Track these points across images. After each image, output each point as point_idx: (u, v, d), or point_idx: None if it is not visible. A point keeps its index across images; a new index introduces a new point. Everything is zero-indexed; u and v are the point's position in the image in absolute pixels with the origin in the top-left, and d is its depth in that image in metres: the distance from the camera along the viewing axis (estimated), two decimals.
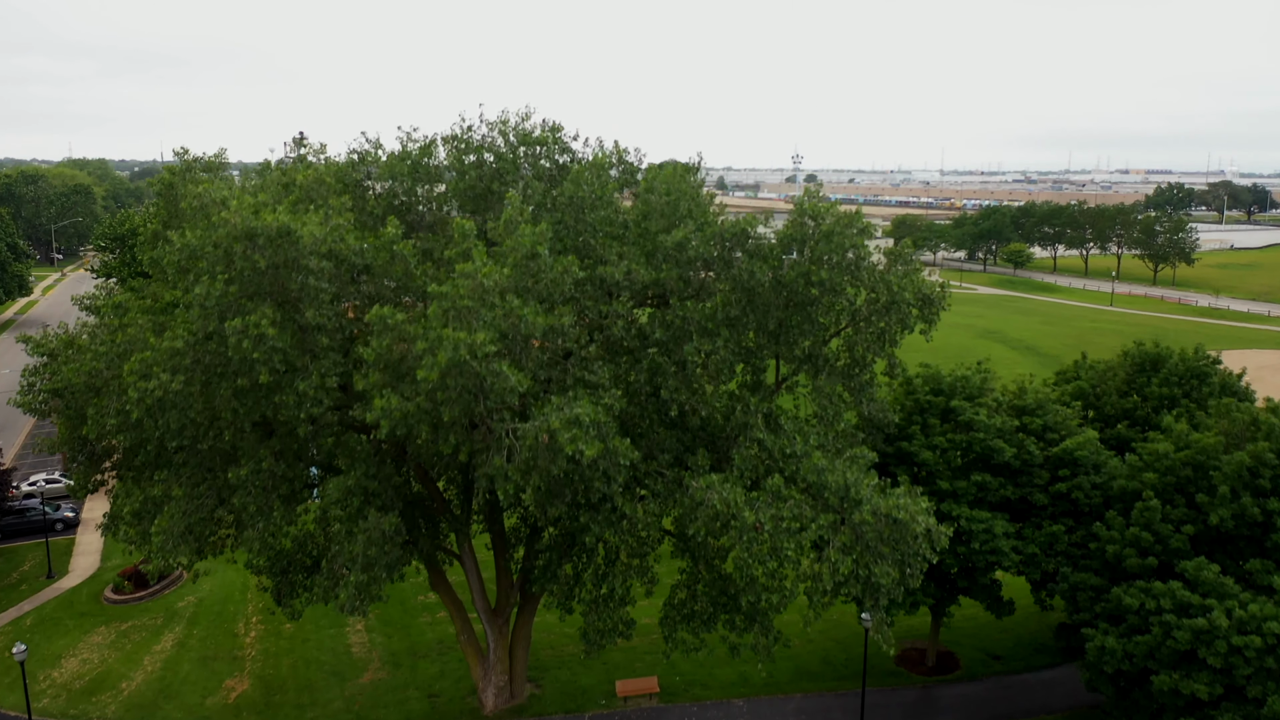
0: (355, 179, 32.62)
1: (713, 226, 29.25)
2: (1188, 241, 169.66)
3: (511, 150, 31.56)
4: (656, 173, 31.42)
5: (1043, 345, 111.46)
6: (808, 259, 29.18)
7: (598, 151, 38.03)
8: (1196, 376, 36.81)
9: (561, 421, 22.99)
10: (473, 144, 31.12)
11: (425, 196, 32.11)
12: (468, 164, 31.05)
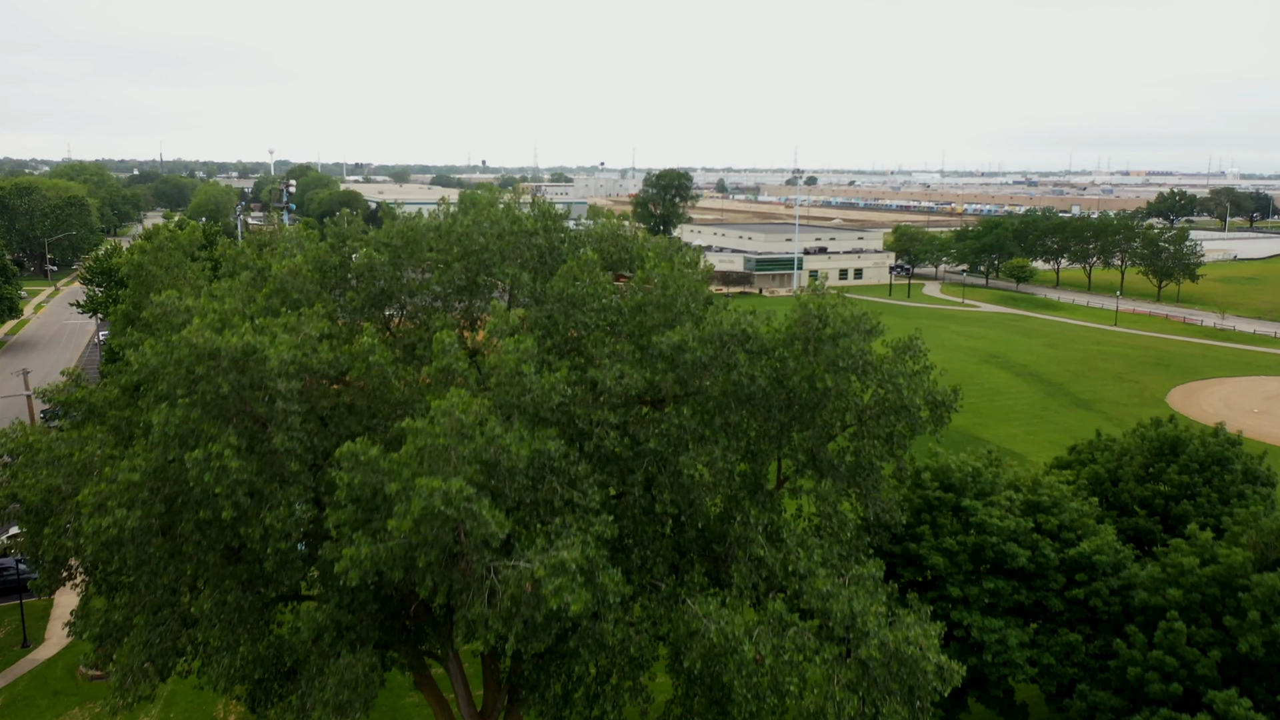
0: (335, 262, 30.89)
1: (712, 324, 27.52)
2: (1192, 257, 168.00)
3: (500, 236, 29.82)
4: (654, 261, 29.71)
5: (1046, 370, 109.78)
6: (812, 362, 27.51)
7: (591, 224, 36.47)
8: (1218, 463, 35.10)
9: (546, 568, 21.32)
10: (457, 232, 29.38)
11: (409, 285, 30.39)
12: (453, 253, 29.33)
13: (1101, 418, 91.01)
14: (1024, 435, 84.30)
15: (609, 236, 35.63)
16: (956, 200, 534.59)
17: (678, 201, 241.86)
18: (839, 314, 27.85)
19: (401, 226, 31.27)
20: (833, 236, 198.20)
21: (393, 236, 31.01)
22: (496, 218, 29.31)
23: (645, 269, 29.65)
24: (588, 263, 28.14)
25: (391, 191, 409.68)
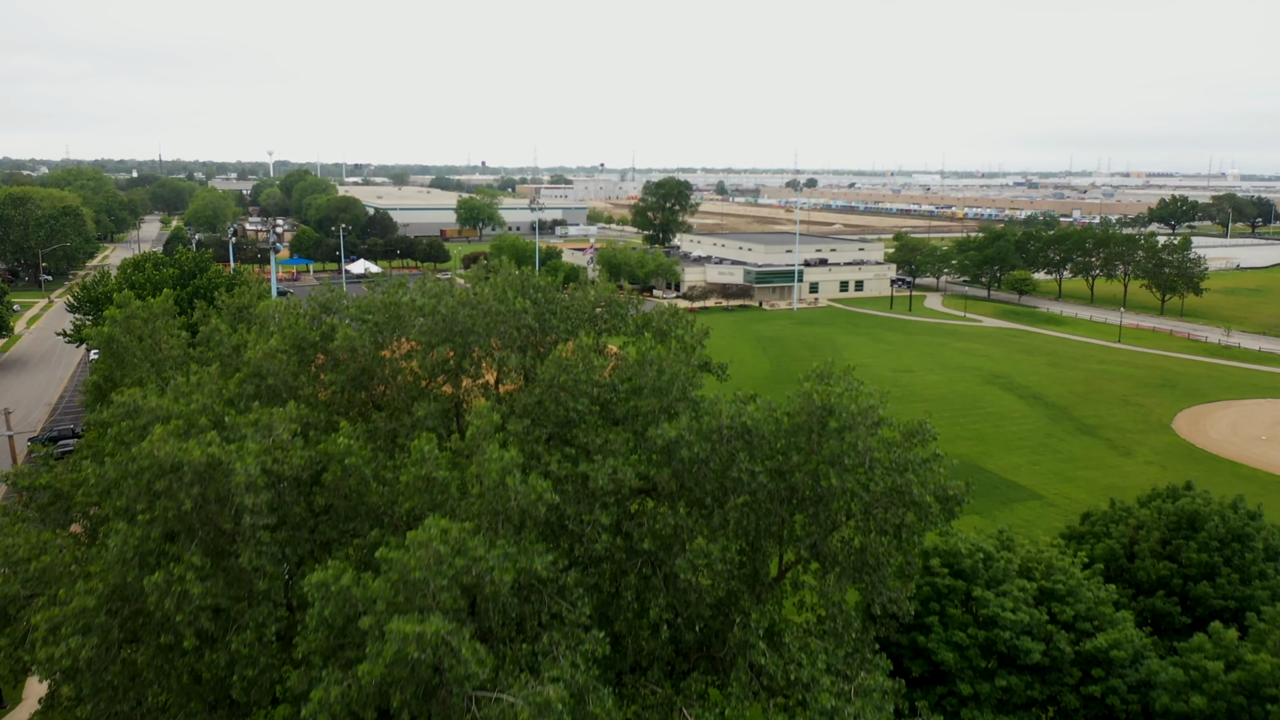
0: (314, 338, 29.38)
1: (710, 416, 26.01)
2: (1196, 271, 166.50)
3: (487, 315, 28.29)
4: (650, 344, 28.19)
5: (1050, 392, 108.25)
6: (817, 458, 26.03)
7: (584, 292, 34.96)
8: (1238, 539, 33.59)
9: (530, 708, 19.80)
10: (441, 313, 27.84)
11: (391, 368, 28.86)
12: (438, 334, 27.82)
13: (1106, 445, 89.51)
14: (1028, 466, 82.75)
15: (603, 303, 34.20)
16: (957, 204, 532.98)
17: (677, 210, 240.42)
18: (844, 405, 26.34)
19: (385, 299, 29.80)
20: (833, 248, 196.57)
21: (375, 311, 29.54)
22: (483, 299, 27.77)
23: (640, 349, 28.19)
24: (580, 348, 26.62)
25: (390, 196, 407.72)
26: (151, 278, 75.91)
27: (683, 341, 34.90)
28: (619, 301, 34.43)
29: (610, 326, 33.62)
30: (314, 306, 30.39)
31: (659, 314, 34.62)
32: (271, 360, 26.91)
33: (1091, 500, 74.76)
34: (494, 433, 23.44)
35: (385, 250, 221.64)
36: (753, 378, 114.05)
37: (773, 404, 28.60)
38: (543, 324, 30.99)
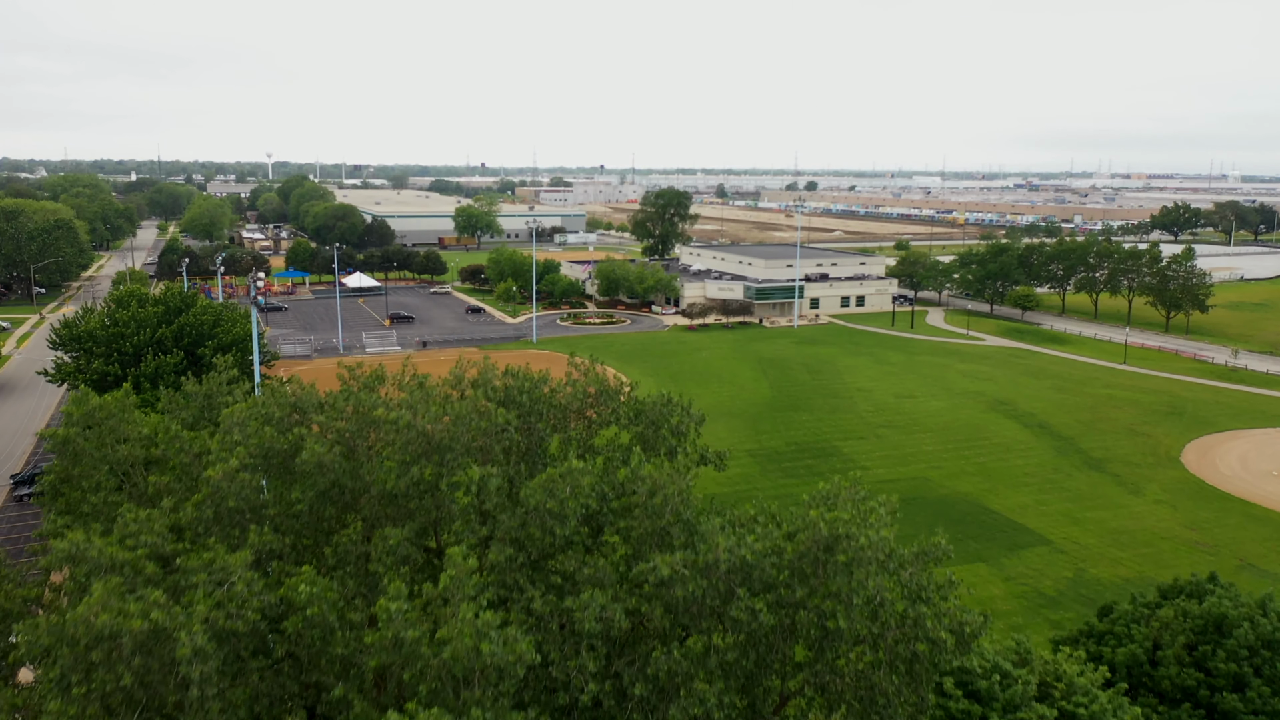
0: (282, 448, 27.28)
1: (708, 551, 23.96)
2: (1201, 288, 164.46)
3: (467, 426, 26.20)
4: (640, 459, 26.12)
5: (1056, 421, 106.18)
6: (823, 595, 23.99)
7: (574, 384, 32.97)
8: (1269, 647, 31.57)
9: None
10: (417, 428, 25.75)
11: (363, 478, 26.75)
12: (413, 450, 25.75)
13: (1115, 481, 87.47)
14: (1035, 506, 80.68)
15: (596, 396, 32.19)
16: (958, 208, 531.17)
17: (676, 221, 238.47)
18: (852, 534, 24.29)
19: (356, 404, 27.75)
20: (834, 262, 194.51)
21: (347, 417, 27.48)
22: (464, 413, 25.70)
23: (632, 466, 26.13)
24: (569, 471, 24.55)
25: (389, 202, 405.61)
26: (136, 315, 73.84)
27: (675, 432, 33.12)
28: (610, 390, 32.39)
29: (602, 421, 31.58)
30: (283, 408, 28.32)
31: (652, 405, 32.58)
32: (232, 480, 24.88)
33: (1101, 546, 72.86)
34: (469, 580, 21.39)
35: (382, 261, 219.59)
36: (753, 404, 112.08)
37: (774, 524, 26.58)
38: (528, 427, 28.95)
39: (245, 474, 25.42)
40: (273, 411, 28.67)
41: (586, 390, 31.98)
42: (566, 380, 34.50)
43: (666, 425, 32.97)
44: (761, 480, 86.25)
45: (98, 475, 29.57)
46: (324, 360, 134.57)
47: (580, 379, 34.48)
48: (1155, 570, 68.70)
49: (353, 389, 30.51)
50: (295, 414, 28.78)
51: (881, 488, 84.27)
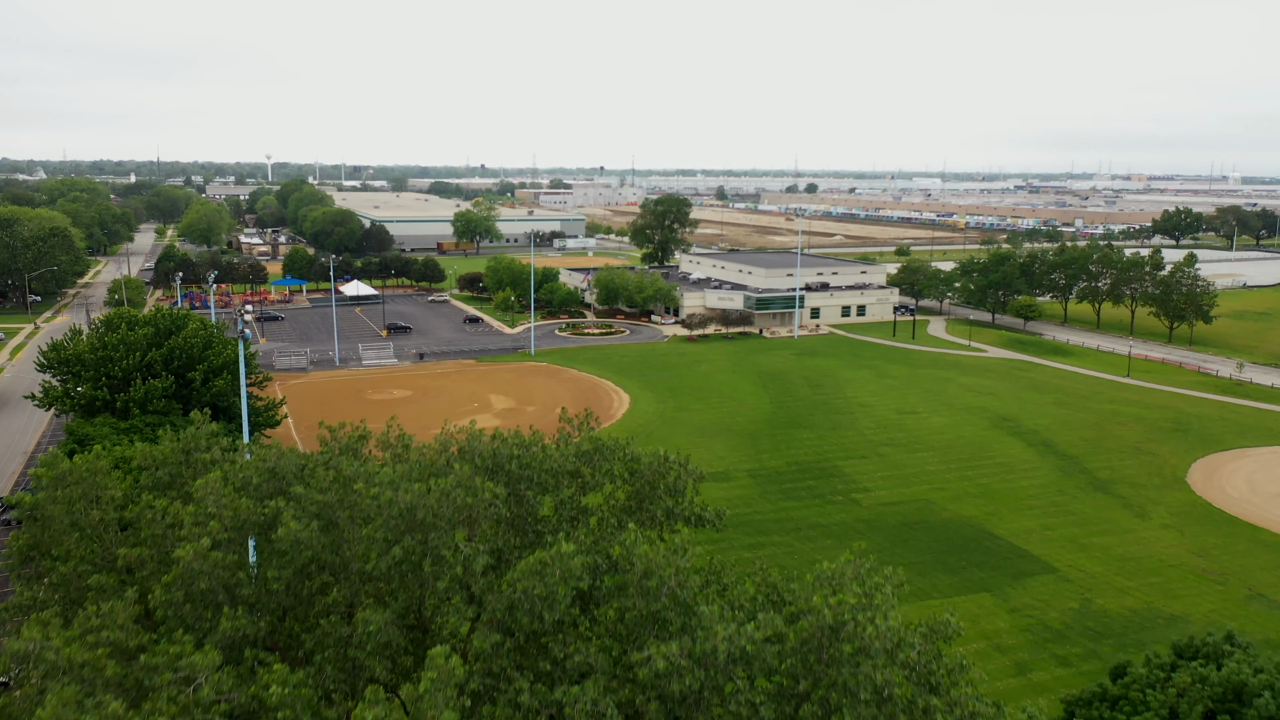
0: (260, 521, 25.95)
1: (705, 639, 22.64)
2: (1205, 299, 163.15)
3: (452, 501, 24.83)
4: (635, 536, 24.78)
5: (1060, 438, 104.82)
6: (828, 686, 22.67)
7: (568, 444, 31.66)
8: None
9: None
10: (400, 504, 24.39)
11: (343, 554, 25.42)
12: (395, 526, 24.40)
13: (1120, 504, 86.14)
14: (1040, 531, 79.34)
15: (590, 454, 30.89)
16: (958, 211, 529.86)
17: (676, 227, 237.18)
18: (859, 621, 22.97)
19: (335, 475, 26.42)
20: (835, 271, 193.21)
21: (326, 488, 26.15)
22: (448, 489, 24.35)
23: (627, 543, 24.78)
24: (559, 555, 23.22)
25: (388, 206, 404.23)
26: (125, 339, 72.51)
27: (672, 490, 31.77)
28: (605, 447, 31.08)
29: (595, 482, 30.27)
30: (261, 474, 27.00)
31: (649, 463, 31.25)
32: (204, 560, 23.56)
33: (1107, 574, 71.50)
34: (450, 682, 20.06)
35: (380, 269, 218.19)
36: (753, 420, 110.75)
37: (776, 605, 25.27)
38: (518, 495, 27.63)
39: (218, 552, 24.12)
40: (250, 478, 27.38)
41: (581, 449, 30.63)
42: (559, 436, 33.23)
43: (663, 483, 31.67)
44: (762, 503, 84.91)
45: (68, 543, 28.25)
46: (320, 373, 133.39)
47: (573, 433, 33.23)
48: (1163, 601, 67.45)
49: (334, 451, 29.25)
50: (273, 480, 27.49)
51: (884, 512, 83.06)
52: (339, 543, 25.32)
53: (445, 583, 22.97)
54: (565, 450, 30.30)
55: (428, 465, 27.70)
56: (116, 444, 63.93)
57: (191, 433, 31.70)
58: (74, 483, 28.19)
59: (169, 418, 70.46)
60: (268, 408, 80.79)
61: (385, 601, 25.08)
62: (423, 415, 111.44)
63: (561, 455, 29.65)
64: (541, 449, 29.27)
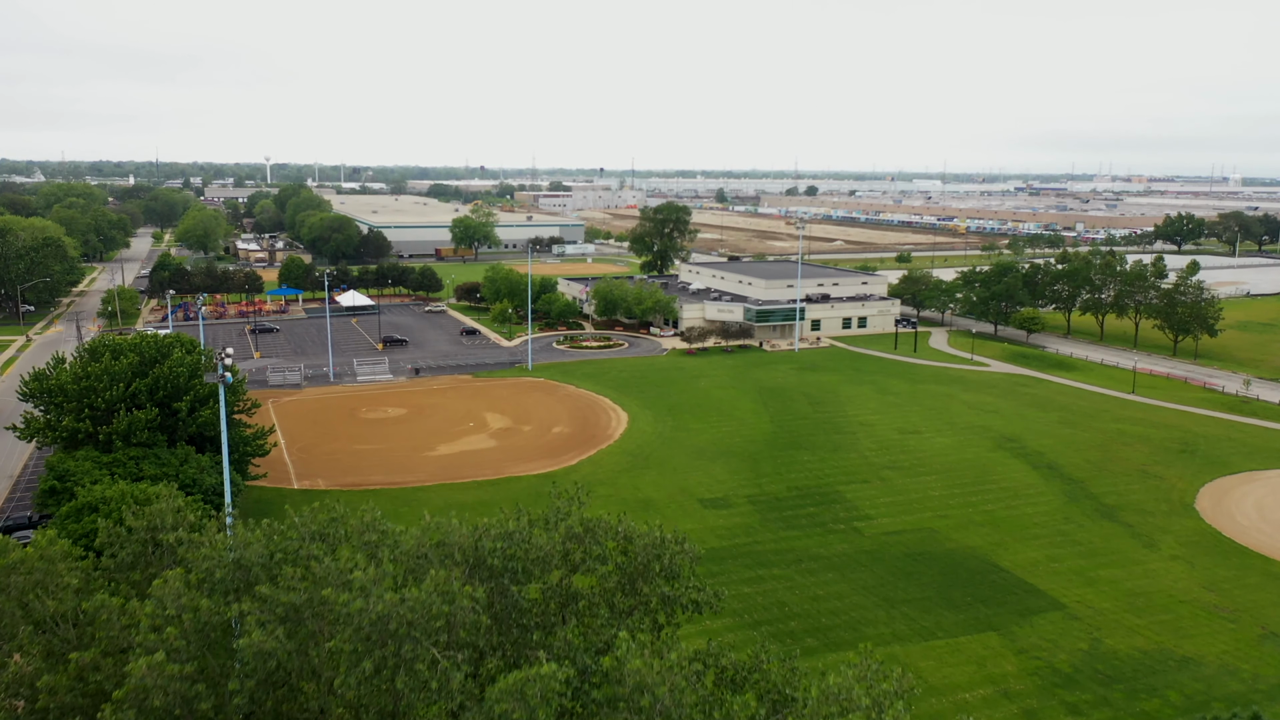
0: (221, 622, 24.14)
1: None
2: (1210, 312, 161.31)
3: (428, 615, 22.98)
4: (626, 647, 22.96)
5: (1065, 460, 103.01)
6: None
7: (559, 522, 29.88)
8: None
9: None
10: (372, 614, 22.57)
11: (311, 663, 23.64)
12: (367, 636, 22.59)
13: (1128, 533, 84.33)
14: (1046, 563, 77.47)
15: (581, 536, 29.09)
16: (959, 215, 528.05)
17: (675, 235, 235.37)
18: None
19: (304, 573, 24.60)
20: (836, 282, 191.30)
21: (294, 587, 24.32)
22: (424, 599, 22.53)
23: (618, 656, 22.96)
24: (537, 675, 21.39)
25: (386, 210, 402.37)
26: (109, 368, 70.64)
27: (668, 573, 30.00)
28: (597, 527, 29.26)
29: (586, 566, 28.46)
30: (225, 567, 25.21)
31: (643, 543, 29.44)
32: (159, 675, 21.75)
33: (1117, 611, 69.64)
34: None
35: (377, 278, 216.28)
36: (753, 440, 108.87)
37: None
38: (501, 589, 25.81)
39: (174, 665, 22.30)
40: (213, 570, 25.57)
41: (572, 530, 28.81)
42: (551, 511, 31.42)
43: (658, 563, 29.85)
44: (762, 532, 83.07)
45: (20, 636, 26.42)
46: (314, 389, 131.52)
47: (564, 506, 31.42)
48: (1174, 641, 65.62)
49: (304, 535, 27.44)
50: (239, 572, 25.68)
51: (887, 542, 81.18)
52: (305, 650, 23.52)
53: (422, 710, 21.16)
54: (554, 534, 28.48)
55: (407, 557, 25.91)
56: (97, 480, 62.19)
57: (156, 509, 29.88)
58: (26, 572, 26.36)
59: (154, 450, 68.67)
60: (256, 436, 78.97)
61: (358, 715, 23.30)
62: (417, 435, 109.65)
63: (550, 541, 27.83)
64: (528, 535, 27.43)
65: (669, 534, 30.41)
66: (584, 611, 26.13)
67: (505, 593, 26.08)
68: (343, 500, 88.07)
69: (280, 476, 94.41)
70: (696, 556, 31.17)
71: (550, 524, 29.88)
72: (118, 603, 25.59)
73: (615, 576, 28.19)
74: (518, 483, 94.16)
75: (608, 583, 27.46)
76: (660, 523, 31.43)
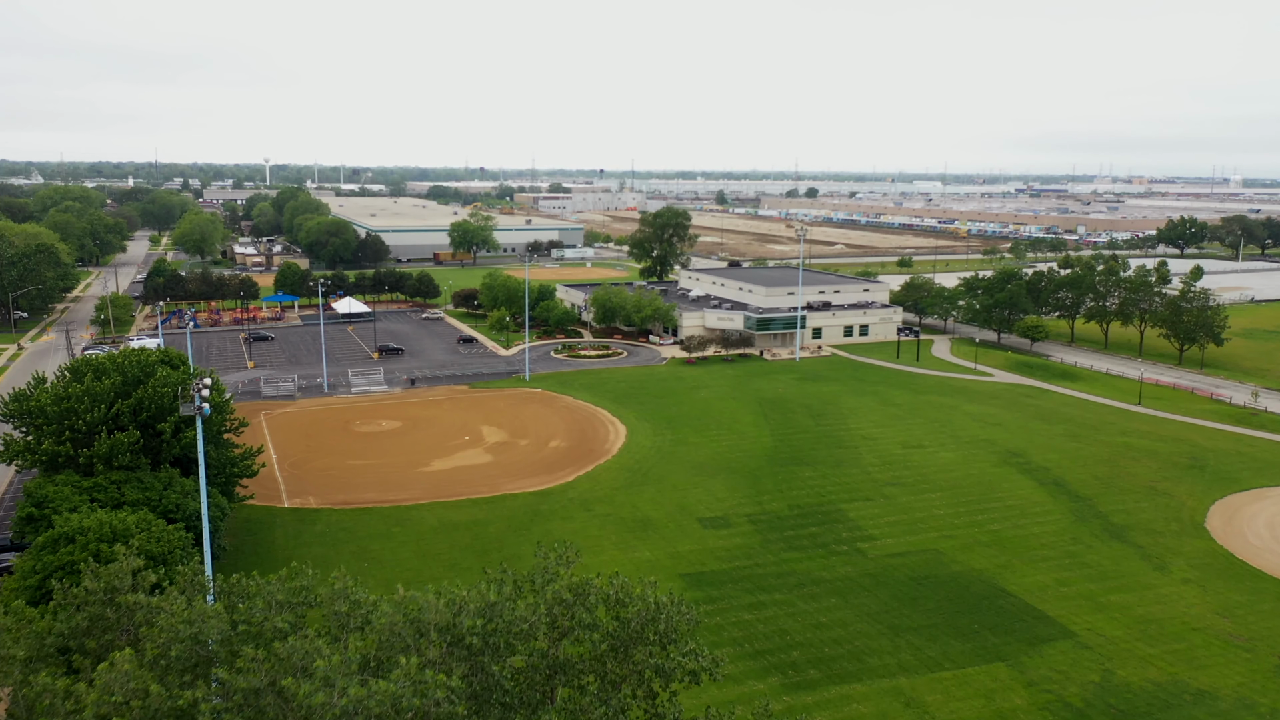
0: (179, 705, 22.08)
1: None
2: (1217, 320, 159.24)
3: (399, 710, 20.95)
4: None
5: (1071, 476, 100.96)
6: None
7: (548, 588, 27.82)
8: None
9: None
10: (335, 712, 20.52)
11: None
12: None
13: (1139, 554, 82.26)
14: (1055, 587, 75.39)
15: (570, 604, 27.03)
16: (960, 218, 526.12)
17: (675, 241, 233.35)
18: None
19: (266, 655, 22.56)
20: (837, 289, 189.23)
21: (254, 669, 22.28)
22: (394, 691, 20.49)
23: None
24: None
25: (385, 213, 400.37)
26: (90, 389, 68.59)
27: (663, 639, 27.92)
28: (587, 592, 27.21)
29: (575, 635, 26.39)
30: (182, 644, 23.16)
31: (637, 609, 27.37)
32: None
33: (1129, 639, 67.59)
34: None
35: (374, 284, 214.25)
36: (753, 455, 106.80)
37: None
38: (479, 667, 23.77)
39: None
40: (169, 646, 23.53)
41: (560, 597, 26.74)
42: (537, 570, 29.34)
43: (652, 629, 27.73)
44: (762, 554, 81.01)
45: None
46: (308, 401, 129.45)
47: (552, 566, 29.35)
48: (1188, 672, 63.56)
49: (270, 605, 25.38)
50: (196, 648, 23.63)
51: (891, 565, 79.12)
52: None
53: None
54: (540, 600, 26.40)
55: (379, 634, 23.84)
56: (76, 507, 60.21)
57: (114, 570, 27.83)
58: None
59: (136, 474, 66.66)
60: (244, 456, 76.96)
61: None
62: (411, 450, 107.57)
63: (534, 612, 25.75)
64: (511, 607, 25.35)
65: (665, 596, 28.30)
66: (572, 682, 24.06)
67: (484, 670, 24.05)
68: (334, 522, 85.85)
69: (270, 494, 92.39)
70: (695, 620, 29.04)
71: (536, 586, 27.79)
72: (62, 685, 23.55)
73: (607, 643, 26.11)
74: (512, 500, 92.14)
75: (599, 648, 25.37)
76: (655, 579, 29.35)
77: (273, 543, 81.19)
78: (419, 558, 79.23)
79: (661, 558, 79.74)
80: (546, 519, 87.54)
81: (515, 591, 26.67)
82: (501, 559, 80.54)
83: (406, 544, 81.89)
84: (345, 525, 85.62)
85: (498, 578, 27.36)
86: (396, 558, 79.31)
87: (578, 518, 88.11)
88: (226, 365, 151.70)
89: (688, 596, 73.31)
